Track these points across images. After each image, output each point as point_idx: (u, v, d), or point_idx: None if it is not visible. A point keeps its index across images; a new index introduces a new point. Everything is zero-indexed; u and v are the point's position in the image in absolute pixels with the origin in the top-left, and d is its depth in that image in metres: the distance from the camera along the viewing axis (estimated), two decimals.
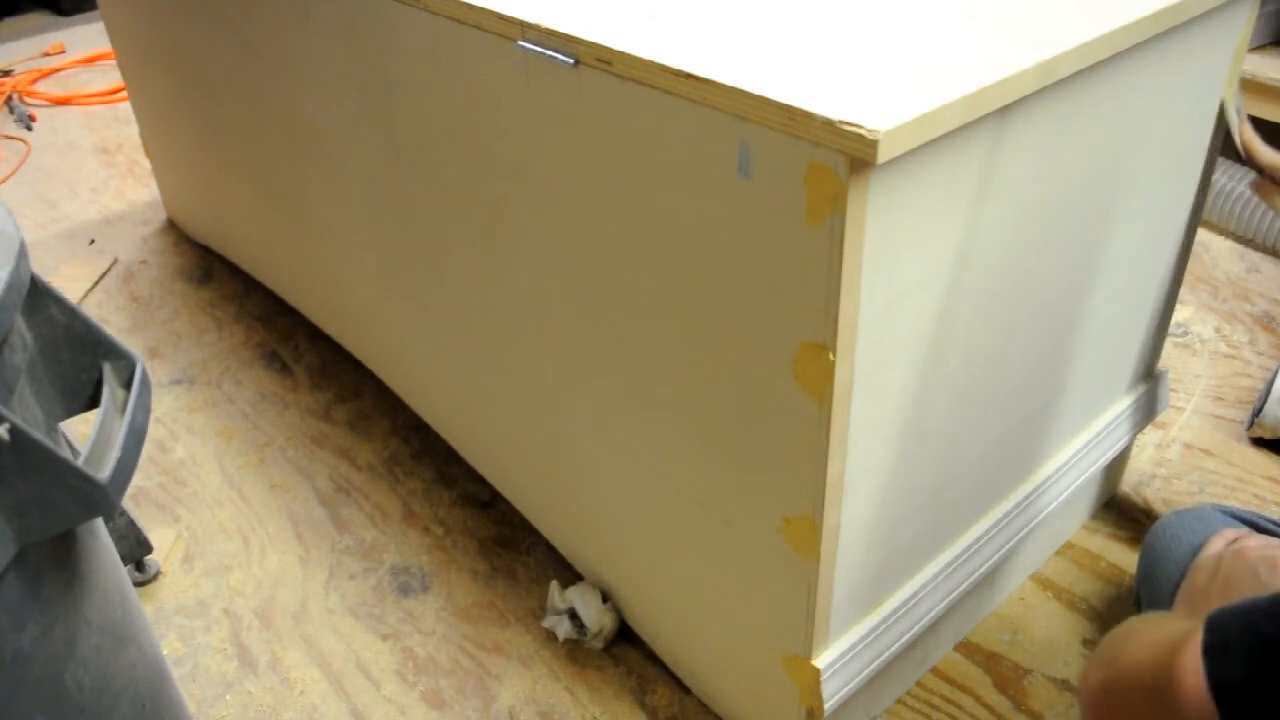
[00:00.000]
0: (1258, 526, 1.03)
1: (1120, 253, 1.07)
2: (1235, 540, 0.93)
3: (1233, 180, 1.90)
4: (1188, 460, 1.46)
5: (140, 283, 2.02)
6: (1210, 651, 0.56)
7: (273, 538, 1.41)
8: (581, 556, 1.26)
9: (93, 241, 2.17)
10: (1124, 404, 1.25)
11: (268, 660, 1.24)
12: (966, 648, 1.21)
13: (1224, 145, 1.12)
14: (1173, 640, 0.59)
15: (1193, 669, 0.56)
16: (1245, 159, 1.08)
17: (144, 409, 0.70)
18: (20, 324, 0.66)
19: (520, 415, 1.24)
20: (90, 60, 3.13)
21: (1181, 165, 1.10)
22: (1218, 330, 1.71)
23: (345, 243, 1.49)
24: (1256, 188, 1.10)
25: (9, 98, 2.87)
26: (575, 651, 1.22)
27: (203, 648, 1.26)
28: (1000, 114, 0.78)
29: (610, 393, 1.04)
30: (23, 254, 0.65)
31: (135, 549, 1.31)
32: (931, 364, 0.89)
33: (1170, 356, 1.65)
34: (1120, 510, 1.38)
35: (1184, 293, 1.79)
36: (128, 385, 0.71)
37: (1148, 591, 1.06)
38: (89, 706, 0.69)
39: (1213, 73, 1.05)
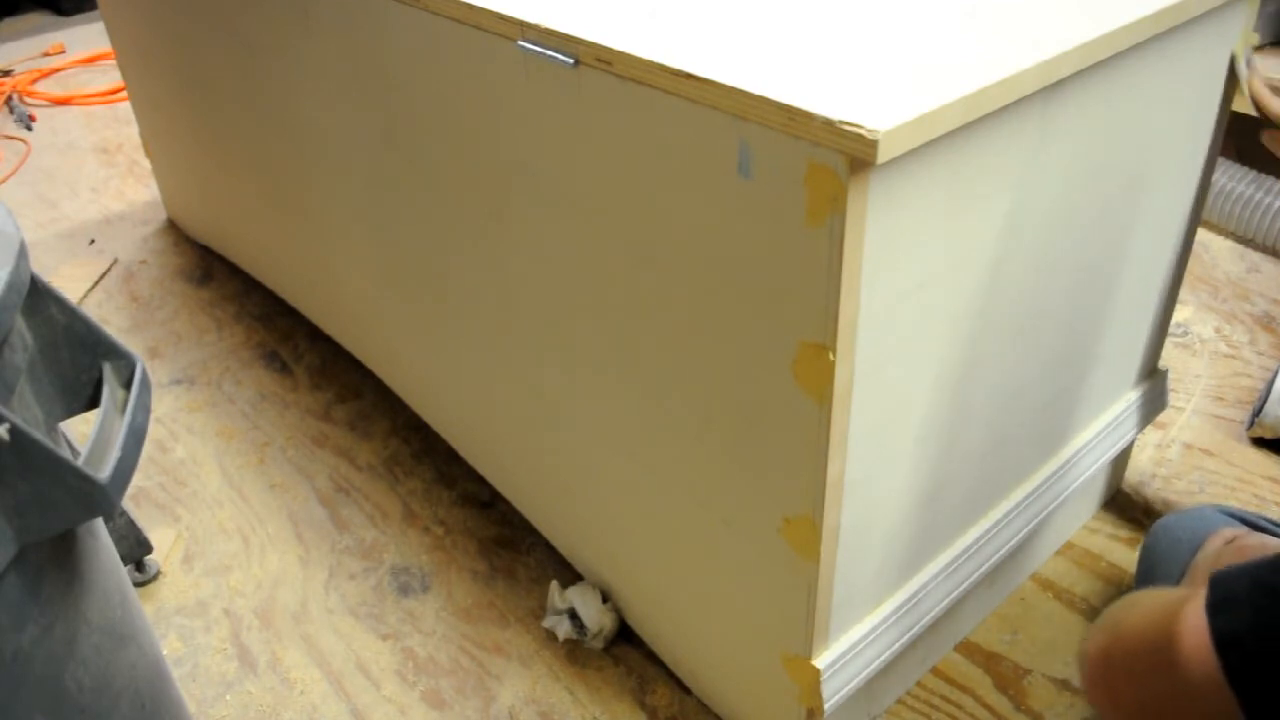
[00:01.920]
0: (1257, 527, 1.03)
1: (1120, 253, 1.07)
2: (1234, 539, 0.93)
3: (1233, 180, 1.90)
4: (1188, 460, 1.46)
5: (140, 283, 2.02)
6: (1214, 607, 0.55)
7: (273, 538, 1.41)
8: (581, 556, 1.26)
9: (93, 241, 2.17)
10: (1124, 404, 1.25)
11: (268, 660, 1.24)
12: (966, 648, 1.21)
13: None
14: (1173, 603, 0.59)
15: (1194, 626, 0.56)
16: (1256, 110, 1.06)
17: (144, 409, 0.70)
18: (20, 324, 0.66)
19: (520, 415, 1.24)
20: (90, 60, 3.13)
21: (1182, 165, 1.10)
22: (1218, 330, 1.71)
23: (345, 242, 1.49)
24: (1268, 140, 1.07)
25: (9, 98, 2.87)
26: (575, 651, 1.22)
27: (203, 648, 1.26)
28: (1000, 114, 0.78)
29: (610, 392, 1.04)
30: (23, 254, 0.65)
31: (135, 549, 1.31)
32: (932, 364, 0.89)
33: (1170, 356, 1.65)
34: (1120, 510, 1.38)
35: (1184, 293, 1.79)
36: (128, 385, 0.71)
37: None
38: (89, 706, 0.69)
39: (1213, 73, 1.05)
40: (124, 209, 2.31)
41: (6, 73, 3.04)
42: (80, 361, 0.72)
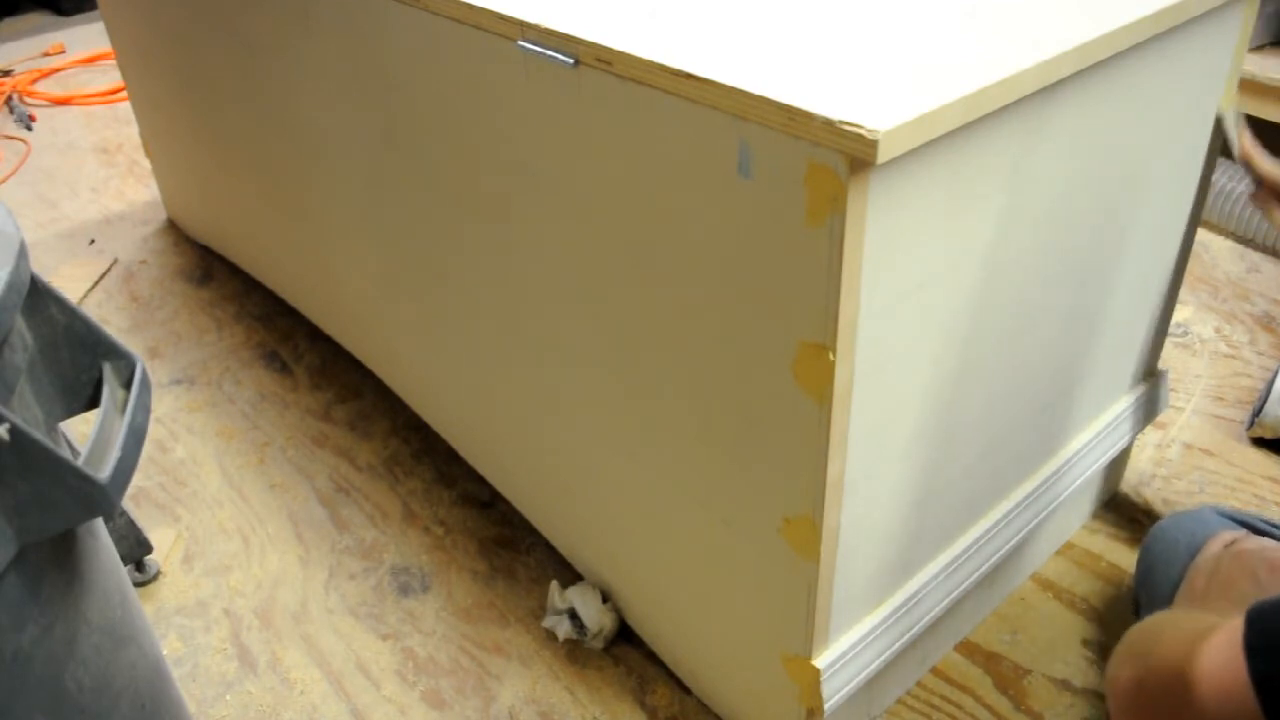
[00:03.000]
0: (1255, 528, 1.03)
1: (1121, 252, 1.07)
2: (1233, 543, 0.93)
3: (1233, 180, 1.90)
4: (1188, 460, 1.46)
5: (140, 283, 2.02)
6: (1252, 646, 0.54)
7: (273, 538, 1.41)
8: (581, 556, 1.26)
9: (93, 241, 2.17)
10: (1124, 404, 1.25)
11: (268, 660, 1.24)
12: (966, 648, 1.21)
13: (1224, 145, 1.12)
14: (1203, 634, 0.58)
15: (1226, 661, 0.55)
16: (1245, 169, 1.06)
17: (144, 409, 0.70)
18: (20, 324, 0.66)
19: (520, 415, 1.24)
20: (90, 60, 3.13)
21: (1182, 165, 1.10)
22: (1218, 330, 1.71)
23: (345, 243, 1.49)
24: (1255, 199, 1.08)
25: (9, 98, 2.87)
26: (575, 651, 1.22)
27: (203, 648, 1.26)
28: (1001, 114, 0.78)
29: (610, 392, 1.04)
30: (23, 254, 0.65)
31: (135, 549, 1.31)
32: (932, 364, 0.89)
33: (1170, 356, 1.65)
34: (1120, 510, 1.38)
35: (1184, 293, 1.79)
36: (128, 385, 0.71)
37: (1146, 594, 1.06)
38: (89, 706, 0.69)
39: (1213, 73, 1.05)
40: (124, 209, 2.31)
41: (6, 73, 3.04)
42: (80, 361, 0.72)
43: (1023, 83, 0.75)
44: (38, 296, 0.69)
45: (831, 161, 0.69)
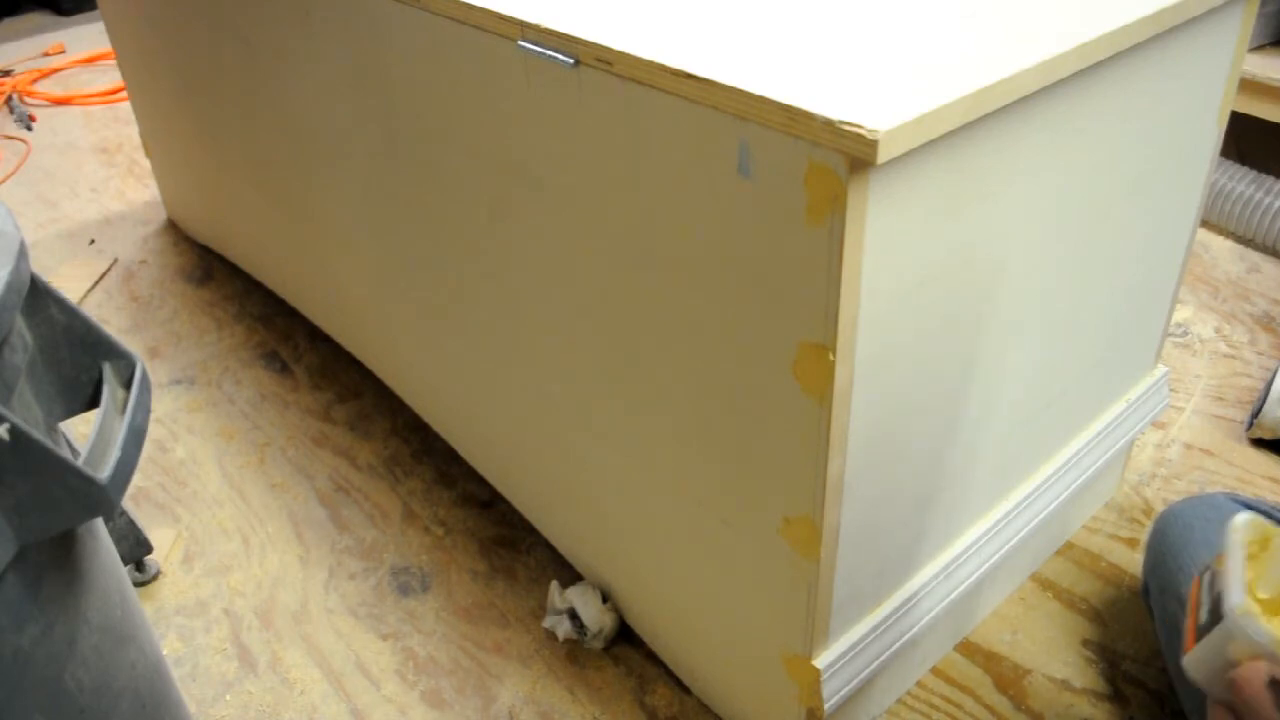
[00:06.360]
0: (1269, 514, 1.02)
1: (1121, 252, 1.07)
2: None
3: (1233, 180, 1.90)
4: (1188, 460, 1.46)
5: (140, 283, 2.02)
6: None
7: (273, 538, 1.41)
8: (581, 556, 1.26)
9: (93, 241, 2.17)
10: (1124, 404, 1.25)
11: (268, 660, 1.24)
12: (966, 648, 1.21)
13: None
14: None
15: None
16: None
17: (144, 409, 0.70)
18: (20, 324, 0.66)
19: (520, 415, 1.24)
20: (90, 60, 3.13)
21: (1182, 164, 1.10)
22: (1218, 330, 1.71)
23: (345, 242, 1.49)
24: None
25: (9, 98, 2.87)
26: (575, 651, 1.22)
27: (203, 648, 1.26)
28: (1001, 114, 0.78)
29: (609, 392, 1.04)
30: (23, 254, 0.65)
31: (135, 549, 1.31)
32: (932, 364, 0.89)
33: (1170, 356, 1.65)
34: (1120, 510, 1.38)
35: (1184, 293, 1.79)
36: (128, 385, 0.71)
37: (1156, 580, 1.06)
38: (89, 706, 0.69)
39: (1213, 73, 1.05)
40: (124, 209, 2.31)
41: (6, 73, 3.04)
42: (80, 361, 0.71)
43: (1023, 82, 0.75)
44: (38, 296, 0.69)
45: (831, 161, 0.69)
